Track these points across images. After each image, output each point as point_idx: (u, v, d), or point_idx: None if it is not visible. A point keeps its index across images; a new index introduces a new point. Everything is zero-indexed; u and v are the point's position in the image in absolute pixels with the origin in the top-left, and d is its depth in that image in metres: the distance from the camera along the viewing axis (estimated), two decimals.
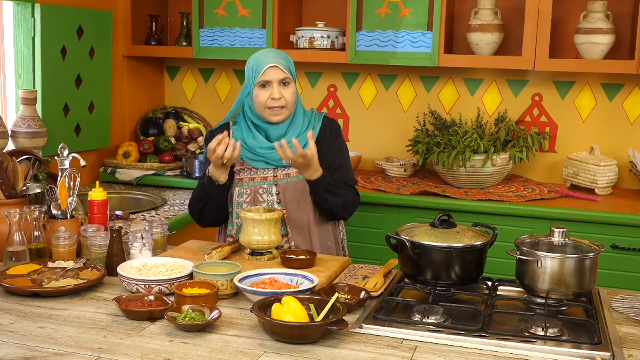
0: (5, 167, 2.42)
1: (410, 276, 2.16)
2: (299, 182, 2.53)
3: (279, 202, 2.53)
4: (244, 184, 2.55)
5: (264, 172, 2.54)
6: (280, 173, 2.54)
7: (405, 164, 3.78)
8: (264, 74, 2.46)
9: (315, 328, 1.74)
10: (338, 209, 2.54)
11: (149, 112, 4.20)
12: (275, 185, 2.53)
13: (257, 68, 2.47)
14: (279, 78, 2.47)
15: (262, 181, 2.53)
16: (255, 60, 2.51)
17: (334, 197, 2.50)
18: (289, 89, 2.49)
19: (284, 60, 2.50)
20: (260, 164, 2.54)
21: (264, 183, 2.53)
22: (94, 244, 2.30)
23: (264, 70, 2.46)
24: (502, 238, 2.38)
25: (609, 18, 3.42)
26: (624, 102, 3.67)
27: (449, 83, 3.89)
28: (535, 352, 1.73)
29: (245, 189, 2.54)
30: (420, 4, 3.53)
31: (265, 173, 2.54)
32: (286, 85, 2.48)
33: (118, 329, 1.82)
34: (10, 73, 3.39)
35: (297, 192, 2.53)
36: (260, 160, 2.53)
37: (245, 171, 2.56)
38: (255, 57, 2.53)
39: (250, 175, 2.55)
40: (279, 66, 2.46)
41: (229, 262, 2.20)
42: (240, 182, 2.56)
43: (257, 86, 2.48)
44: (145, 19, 4.07)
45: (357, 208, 2.63)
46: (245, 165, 2.55)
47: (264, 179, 2.54)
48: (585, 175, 3.51)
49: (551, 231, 2.09)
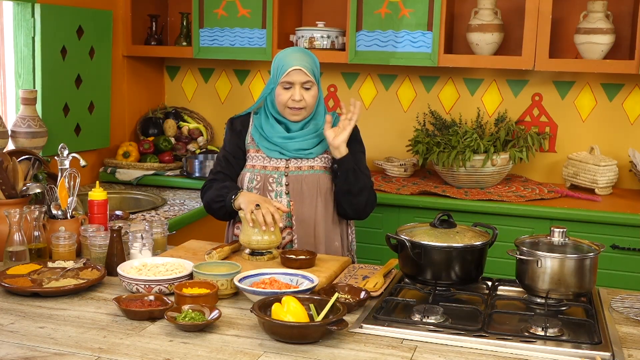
0: (5, 167, 2.42)
1: (410, 276, 2.16)
2: (310, 176, 2.55)
3: (287, 192, 2.55)
4: (256, 170, 2.58)
5: (277, 161, 2.57)
6: (292, 165, 2.57)
7: (405, 164, 3.78)
8: (288, 75, 2.50)
9: (315, 328, 1.74)
10: (363, 197, 2.54)
11: (149, 112, 4.20)
12: (286, 176, 2.55)
13: (282, 68, 2.51)
14: (302, 81, 2.50)
15: (274, 170, 2.56)
16: (281, 59, 2.54)
17: (358, 180, 2.51)
18: (311, 92, 2.53)
19: (308, 63, 2.53)
20: (275, 153, 2.57)
21: (275, 172, 2.56)
22: (94, 244, 2.30)
23: (288, 72, 2.49)
24: (502, 238, 2.38)
25: (609, 18, 3.42)
26: (624, 102, 3.67)
27: (449, 83, 3.89)
28: (535, 352, 1.73)
29: (256, 175, 2.57)
30: (420, 4, 3.53)
31: (278, 163, 2.57)
32: (308, 88, 2.52)
33: (118, 329, 1.82)
34: (10, 73, 3.39)
35: (307, 186, 2.55)
36: (275, 150, 2.57)
37: (259, 158, 2.59)
38: (281, 57, 2.56)
39: (263, 163, 2.58)
40: (303, 69, 2.50)
41: (229, 262, 2.20)
42: (252, 168, 2.59)
43: (280, 86, 2.52)
44: (145, 19, 4.07)
45: (374, 206, 2.63)
46: (260, 153, 2.59)
47: (276, 169, 2.56)
48: (585, 175, 3.51)
49: (551, 231, 2.09)
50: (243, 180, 2.59)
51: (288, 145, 2.55)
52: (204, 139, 4.18)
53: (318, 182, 2.55)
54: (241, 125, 2.65)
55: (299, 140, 2.56)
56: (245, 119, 2.66)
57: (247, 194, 2.45)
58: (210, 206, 2.58)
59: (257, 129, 2.60)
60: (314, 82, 2.53)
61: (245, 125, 2.65)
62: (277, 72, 2.53)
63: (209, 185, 2.60)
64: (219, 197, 2.52)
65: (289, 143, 2.55)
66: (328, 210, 2.58)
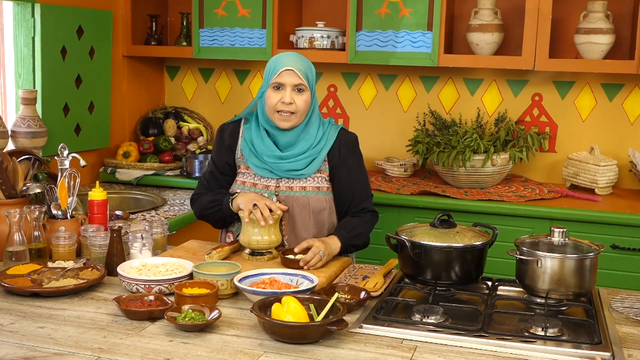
0: (5, 167, 2.42)
1: (410, 276, 2.16)
2: (301, 197, 2.47)
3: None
4: (246, 187, 2.51)
5: (267, 180, 2.49)
6: (283, 185, 2.48)
7: (405, 164, 3.78)
8: (279, 75, 2.39)
9: (315, 328, 1.74)
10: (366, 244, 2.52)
11: (149, 112, 4.20)
12: (276, 196, 2.48)
13: (274, 69, 2.41)
14: (294, 83, 2.39)
15: (264, 189, 2.48)
16: (274, 61, 2.45)
17: (360, 238, 2.47)
18: (302, 96, 2.41)
19: (302, 66, 2.42)
20: (265, 172, 2.48)
21: (265, 192, 2.48)
22: (94, 244, 2.30)
23: (279, 72, 2.39)
24: (502, 238, 2.38)
25: (609, 18, 3.42)
26: (624, 102, 3.67)
27: (449, 83, 3.89)
28: (535, 352, 1.73)
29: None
30: (420, 4, 3.52)
31: (268, 182, 2.49)
32: (300, 91, 2.41)
33: (118, 329, 1.82)
34: (10, 73, 3.39)
35: (298, 207, 2.47)
36: (265, 169, 2.48)
37: (250, 175, 2.52)
38: (274, 58, 2.47)
39: (254, 180, 2.51)
40: (296, 71, 2.39)
41: (229, 262, 2.20)
42: (242, 184, 2.52)
43: (271, 87, 2.42)
44: (145, 19, 4.07)
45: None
46: (250, 170, 2.52)
47: (266, 187, 2.48)
48: (585, 175, 3.51)
49: (551, 231, 2.09)
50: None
51: (279, 165, 2.45)
52: (204, 139, 4.18)
53: (309, 204, 2.47)
54: (230, 139, 2.54)
55: (290, 162, 2.45)
56: (235, 129, 2.55)
57: (244, 194, 2.42)
58: (203, 212, 2.53)
59: (246, 143, 2.50)
60: (306, 86, 2.41)
61: (234, 137, 2.54)
62: (268, 74, 2.43)
63: (199, 194, 2.56)
64: (215, 202, 2.48)
65: (280, 164, 2.45)
66: (321, 232, 2.50)
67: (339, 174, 2.50)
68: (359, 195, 2.53)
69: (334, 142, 2.50)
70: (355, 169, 2.52)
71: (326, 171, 2.51)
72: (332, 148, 2.50)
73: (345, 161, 2.50)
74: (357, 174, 2.53)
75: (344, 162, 2.50)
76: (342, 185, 2.51)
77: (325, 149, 2.49)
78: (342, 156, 2.50)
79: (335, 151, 2.50)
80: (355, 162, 2.53)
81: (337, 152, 2.50)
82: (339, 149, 2.50)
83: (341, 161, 2.50)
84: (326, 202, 2.50)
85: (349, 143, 2.53)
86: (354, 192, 2.52)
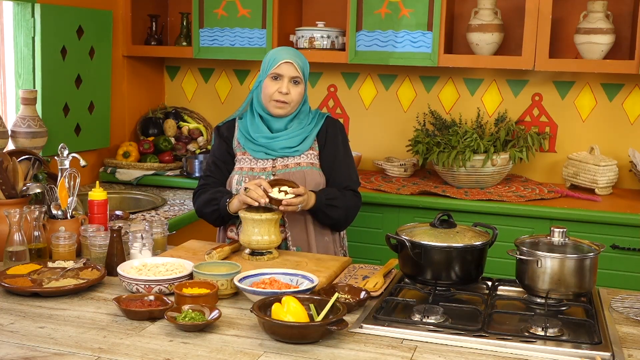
0: (5, 167, 2.42)
1: (410, 276, 2.16)
2: (297, 172, 2.57)
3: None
4: (244, 172, 2.59)
5: (264, 162, 2.59)
6: (279, 164, 2.59)
7: (405, 164, 3.78)
8: (278, 67, 2.54)
9: (315, 328, 1.74)
10: (341, 222, 2.60)
11: (149, 112, 4.20)
12: (274, 176, 2.56)
13: (274, 60, 2.55)
14: (291, 75, 2.54)
15: (261, 171, 2.58)
16: (273, 53, 2.60)
17: (335, 210, 2.54)
18: (298, 89, 2.56)
19: (300, 60, 2.58)
20: (261, 154, 2.59)
21: (263, 173, 2.57)
22: (94, 244, 2.30)
23: (279, 64, 2.54)
24: (502, 238, 2.38)
25: (609, 18, 3.42)
26: (624, 102, 3.67)
27: (449, 83, 3.89)
28: (535, 352, 1.73)
29: (245, 177, 2.58)
30: (420, 4, 3.53)
31: (265, 164, 2.59)
32: (296, 84, 2.56)
33: (118, 329, 1.82)
34: (10, 73, 3.39)
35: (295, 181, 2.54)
36: (260, 151, 2.59)
37: (246, 160, 2.61)
38: (273, 51, 2.62)
39: (250, 165, 2.60)
40: (294, 64, 2.54)
41: (229, 262, 2.20)
42: (240, 170, 2.60)
43: (269, 77, 2.55)
44: (145, 19, 4.07)
45: (358, 211, 2.64)
46: (247, 155, 2.61)
47: (263, 169, 2.58)
48: (585, 175, 3.51)
49: (551, 231, 2.09)
50: (232, 183, 2.60)
51: (273, 144, 2.57)
52: (204, 139, 4.18)
53: (305, 178, 2.56)
54: (227, 131, 2.68)
55: (283, 139, 2.58)
56: (230, 124, 2.69)
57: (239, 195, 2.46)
58: (203, 210, 2.60)
59: (242, 132, 2.63)
60: (302, 79, 2.57)
61: (231, 130, 2.68)
62: (267, 65, 2.58)
63: (202, 190, 2.63)
64: (213, 201, 2.55)
65: (274, 142, 2.57)
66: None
67: (326, 153, 2.63)
68: (344, 173, 2.63)
69: (322, 125, 2.65)
70: (341, 149, 2.65)
71: (316, 150, 2.63)
72: (321, 129, 2.65)
73: (333, 140, 2.65)
74: (343, 155, 2.66)
75: (332, 141, 2.64)
76: (328, 162, 2.62)
77: (315, 129, 2.63)
78: (329, 135, 2.66)
79: (323, 132, 2.65)
80: (341, 143, 2.67)
81: (325, 133, 2.65)
82: (326, 129, 2.65)
83: (329, 140, 2.64)
84: (320, 177, 2.61)
85: (336, 127, 2.68)
86: (339, 170, 2.63)
